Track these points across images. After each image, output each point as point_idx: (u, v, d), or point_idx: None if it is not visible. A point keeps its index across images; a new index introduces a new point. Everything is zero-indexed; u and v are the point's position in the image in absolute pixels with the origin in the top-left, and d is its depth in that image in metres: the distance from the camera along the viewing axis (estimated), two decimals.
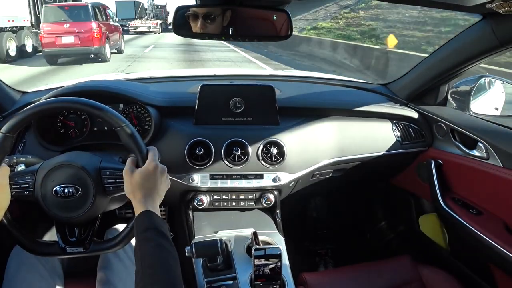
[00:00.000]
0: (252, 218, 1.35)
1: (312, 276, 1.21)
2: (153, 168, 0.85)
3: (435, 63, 1.32)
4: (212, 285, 1.07)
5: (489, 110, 1.38)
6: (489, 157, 1.18)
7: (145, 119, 1.27)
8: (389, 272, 1.25)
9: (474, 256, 1.31)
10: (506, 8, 0.87)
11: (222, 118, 1.27)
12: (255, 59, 11.13)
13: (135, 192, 0.84)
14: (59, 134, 1.24)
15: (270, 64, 10.03)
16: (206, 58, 11.35)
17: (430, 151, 1.41)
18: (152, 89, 1.33)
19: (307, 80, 1.69)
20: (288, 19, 0.94)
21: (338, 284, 1.22)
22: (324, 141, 1.32)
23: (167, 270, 0.74)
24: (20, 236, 0.93)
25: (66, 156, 0.97)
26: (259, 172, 1.25)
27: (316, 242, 1.93)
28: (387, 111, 1.41)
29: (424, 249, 1.54)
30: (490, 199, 1.21)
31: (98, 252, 0.97)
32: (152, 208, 0.83)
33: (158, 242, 0.77)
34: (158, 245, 0.77)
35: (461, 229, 1.20)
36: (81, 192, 0.90)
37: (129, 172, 0.86)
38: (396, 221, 1.79)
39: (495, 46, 1.08)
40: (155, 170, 0.86)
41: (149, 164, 0.86)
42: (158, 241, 0.77)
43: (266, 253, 0.97)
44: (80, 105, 0.92)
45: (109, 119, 0.90)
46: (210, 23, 0.95)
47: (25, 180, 0.90)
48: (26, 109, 0.89)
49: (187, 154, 1.20)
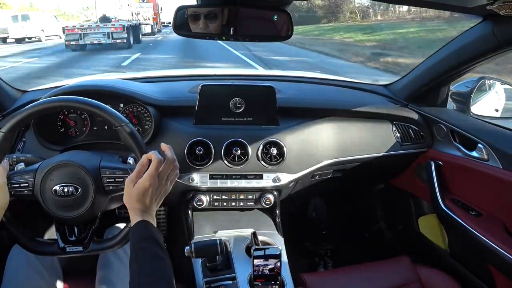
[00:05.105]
0: (252, 218, 1.35)
1: (312, 276, 1.21)
2: (149, 185, 0.83)
3: (435, 65, 1.32)
4: (211, 285, 1.07)
5: (489, 111, 1.38)
6: (489, 159, 1.18)
7: (145, 119, 1.27)
8: (388, 272, 1.25)
9: (473, 257, 1.31)
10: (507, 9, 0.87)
11: (222, 118, 1.27)
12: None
13: (133, 203, 0.84)
14: (59, 133, 1.24)
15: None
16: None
17: (430, 152, 1.41)
18: (152, 89, 1.33)
19: (307, 80, 1.69)
20: (289, 19, 0.94)
21: (337, 285, 1.22)
22: (324, 141, 1.32)
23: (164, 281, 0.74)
24: (19, 235, 0.93)
25: (65, 155, 0.97)
26: (258, 172, 1.25)
27: (315, 242, 1.93)
28: (387, 112, 1.41)
29: (423, 250, 1.54)
30: (490, 200, 1.21)
31: (97, 251, 0.97)
32: (148, 218, 0.83)
33: (155, 253, 0.78)
34: (155, 256, 0.77)
35: (461, 230, 1.20)
36: (80, 191, 0.90)
37: (129, 184, 0.85)
38: (396, 222, 1.79)
39: (495, 48, 1.08)
40: (151, 186, 0.84)
41: (145, 181, 0.83)
42: (155, 252, 0.78)
43: (265, 253, 0.97)
44: (80, 104, 0.92)
45: (109, 118, 0.90)
46: (210, 23, 0.95)
47: (24, 179, 0.90)
48: (26, 108, 0.89)
49: (187, 154, 1.20)
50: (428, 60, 1.37)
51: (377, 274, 1.25)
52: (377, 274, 1.25)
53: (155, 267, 0.76)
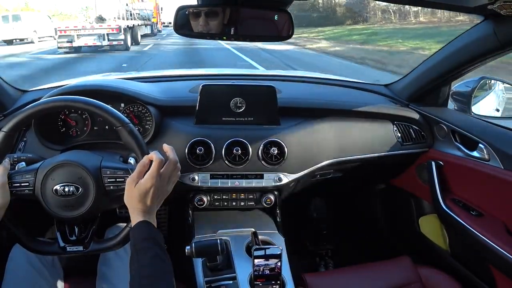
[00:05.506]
0: (252, 218, 1.35)
1: (312, 276, 1.21)
2: (150, 186, 0.83)
3: (436, 64, 1.32)
4: (212, 284, 1.07)
5: (490, 111, 1.38)
6: (489, 159, 1.18)
7: (146, 119, 1.27)
8: (389, 273, 1.25)
9: (474, 257, 1.31)
10: (508, 9, 0.87)
11: (223, 118, 1.27)
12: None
13: (134, 203, 0.84)
14: (59, 133, 1.24)
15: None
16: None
17: (430, 152, 1.41)
18: (153, 89, 1.33)
19: (308, 80, 1.68)
20: (290, 19, 0.94)
21: (338, 285, 1.22)
22: (325, 141, 1.32)
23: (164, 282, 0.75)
24: (20, 235, 0.93)
25: (66, 155, 0.97)
26: (259, 172, 1.25)
27: (316, 242, 1.93)
28: (388, 112, 1.41)
29: (424, 250, 1.54)
30: (491, 200, 1.21)
31: (97, 251, 0.98)
32: (149, 219, 0.84)
33: (156, 253, 0.78)
34: (156, 256, 0.77)
35: (461, 231, 1.20)
36: (81, 191, 0.90)
37: (131, 184, 0.85)
38: (396, 222, 1.79)
39: (496, 48, 1.08)
40: (152, 186, 0.84)
41: (147, 181, 0.84)
42: (156, 252, 0.78)
43: (266, 253, 0.97)
44: (82, 104, 0.92)
45: (110, 119, 0.91)
46: (211, 22, 0.95)
47: (25, 179, 0.90)
48: (27, 108, 0.89)
49: (187, 154, 1.20)
50: (429, 60, 1.36)
51: (377, 274, 1.25)
52: (378, 274, 1.25)
53: (156, 267, 0.76)
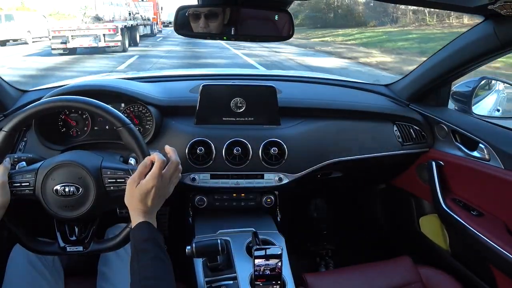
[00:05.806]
0: (253, 218, 1.35)
1: (313, 276, 1.21)
2: (151, 186, 0.84)
3: (436, 64, 1.32)
4: (212, 284, 1.07)
5: (490, 111, 1.38)
6: (490, 159, 1.17)
7: (146, 119, 1.27)
8: (389, 273, 1.25)
9: (474, 257, 1.31)
10: (509, 9, 0.87)
11: (223, 118, 1.27)
12: None
13: (135, 204, 0.84)
14: (60, 133, 1.24)
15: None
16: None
17: (431, 152, 1.41)
18: (153, 89, 1.33)
19: (309, 80, 1.68)
20: (290, 19, 0.94)
21: (338, 285, 1.22)
22: (325, 141, 1.32)
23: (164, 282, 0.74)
24: (20, 235, 0.93)
25: (67, 155, 0.97)
26: (259, 172, 1.25)
27: (316, 242, 1.93)
28: (388, 112, 1.41)
29: (424, 250, 1.54)
30: (491, 200, 1.21)
31: (98, 251, 0.98)
32: (149, 219, 0.84)
33: (156, 254, 0.78)
34: (156, 257, 0.77)
35: (462, 230, 1.20)
36: (81, 191, 0.90)
37: (132, 184, 0.85)
38: (397, 222, 1.79)
39: (497, 48, 1.08)
40: (153, 187, 0.84)
41: (148, 182, 0.84)
42: (156, 253, 0.78)
43: (266, 253, 0.97)
44: (82, 104, 0.92)
45: (111, 119, 0.90)
46: (211, 22, 0.95)
47: (26, 179, 0.90)
48: (28, 108, 0.89)
49: (188, 154, 1.20)
50: (429, 60, 1.36)
51: (378, 274, 1.25)
52: (378, 274, 1.25)
53: (156, 268, 0.76)
